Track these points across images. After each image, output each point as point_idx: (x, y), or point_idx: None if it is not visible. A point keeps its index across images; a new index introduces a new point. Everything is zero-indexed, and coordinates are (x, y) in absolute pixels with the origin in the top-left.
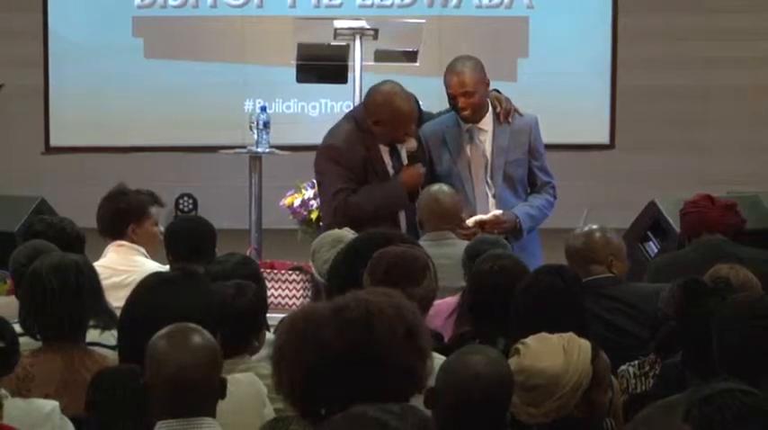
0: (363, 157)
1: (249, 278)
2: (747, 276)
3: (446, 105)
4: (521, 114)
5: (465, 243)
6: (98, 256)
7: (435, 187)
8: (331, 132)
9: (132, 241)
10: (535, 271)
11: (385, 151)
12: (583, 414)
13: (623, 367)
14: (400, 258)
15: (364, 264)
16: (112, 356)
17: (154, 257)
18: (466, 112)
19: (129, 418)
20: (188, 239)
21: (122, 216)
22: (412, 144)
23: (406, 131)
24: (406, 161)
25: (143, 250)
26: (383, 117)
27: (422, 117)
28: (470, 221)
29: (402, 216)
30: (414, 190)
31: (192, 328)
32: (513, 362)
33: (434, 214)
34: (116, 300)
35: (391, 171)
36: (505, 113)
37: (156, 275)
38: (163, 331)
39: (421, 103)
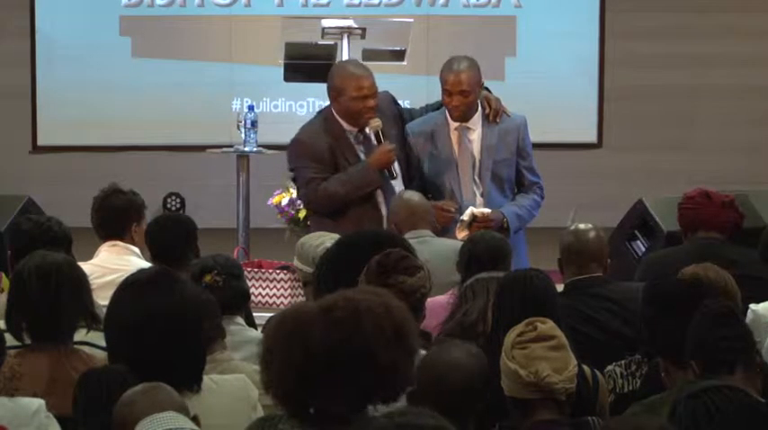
0: (329, 146)
1: (231, 277)
2: (719, 275)
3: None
4: (509, 115)
5: (443, 240)
6: (86, 256)
7: (405, 193)
8: (300, 129)
9: (132, 240)
10: (520, 273)
11: (356, 140)
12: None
13: (610, 367)
14: (397, 251)
15: (352, 263)
16: (101, 356)
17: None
18: (458, 111)
19: None
20: (162, 238)
21: (127, 214)
22: (376, 123)
23: (366, 105)
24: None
25: (137, 250)
26: (338, 84)
27: (402, 114)
28: (465, 215)
29: (382, 202)
30: (386, 167)
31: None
32: (532, 333)
33: (410, 215)
34: (108, 299)
35: (363, 157)
36: (494, 114)
37: (134, 276)
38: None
39: (408, 101)
